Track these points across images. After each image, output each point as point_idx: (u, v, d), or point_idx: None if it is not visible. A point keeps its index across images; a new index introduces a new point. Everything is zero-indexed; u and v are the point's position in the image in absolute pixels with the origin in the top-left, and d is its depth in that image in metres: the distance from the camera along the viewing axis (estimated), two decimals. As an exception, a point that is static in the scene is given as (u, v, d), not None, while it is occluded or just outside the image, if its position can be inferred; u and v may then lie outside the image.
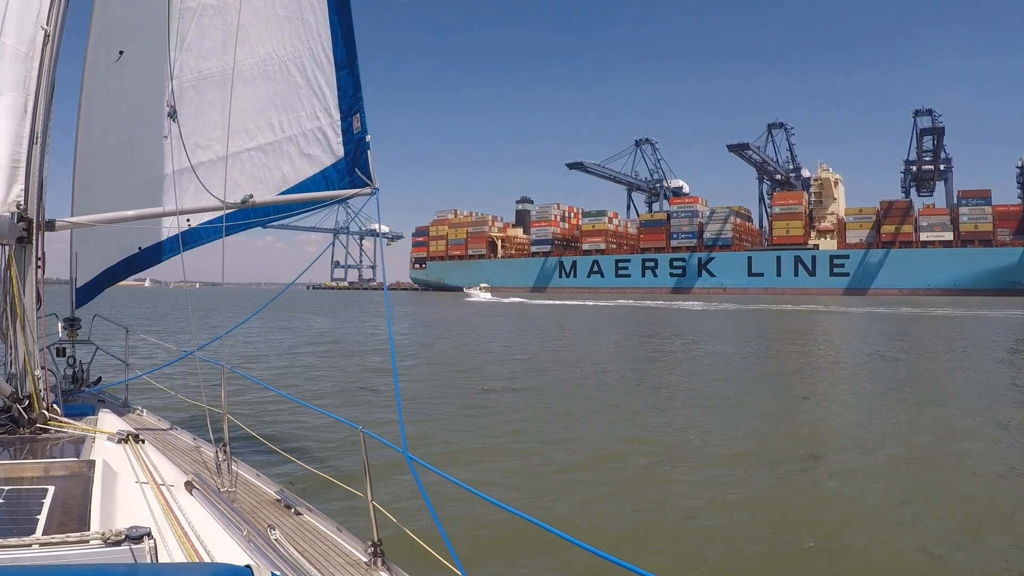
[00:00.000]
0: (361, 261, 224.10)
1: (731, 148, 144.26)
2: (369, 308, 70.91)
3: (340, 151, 6.11)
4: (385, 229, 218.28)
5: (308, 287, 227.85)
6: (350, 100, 6.04)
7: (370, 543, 3.51)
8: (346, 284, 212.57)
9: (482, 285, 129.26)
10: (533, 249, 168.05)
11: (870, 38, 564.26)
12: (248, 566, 1.94)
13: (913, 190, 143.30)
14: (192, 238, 6.72)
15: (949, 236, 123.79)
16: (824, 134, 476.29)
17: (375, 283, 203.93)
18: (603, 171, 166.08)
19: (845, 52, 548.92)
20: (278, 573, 1.76)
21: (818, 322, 47.27)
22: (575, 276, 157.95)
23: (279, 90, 6.21)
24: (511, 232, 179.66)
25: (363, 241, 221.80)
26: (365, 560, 3.48)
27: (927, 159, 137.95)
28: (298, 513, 4.14)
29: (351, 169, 6.09)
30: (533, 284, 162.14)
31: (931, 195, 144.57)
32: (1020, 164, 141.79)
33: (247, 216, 6.53)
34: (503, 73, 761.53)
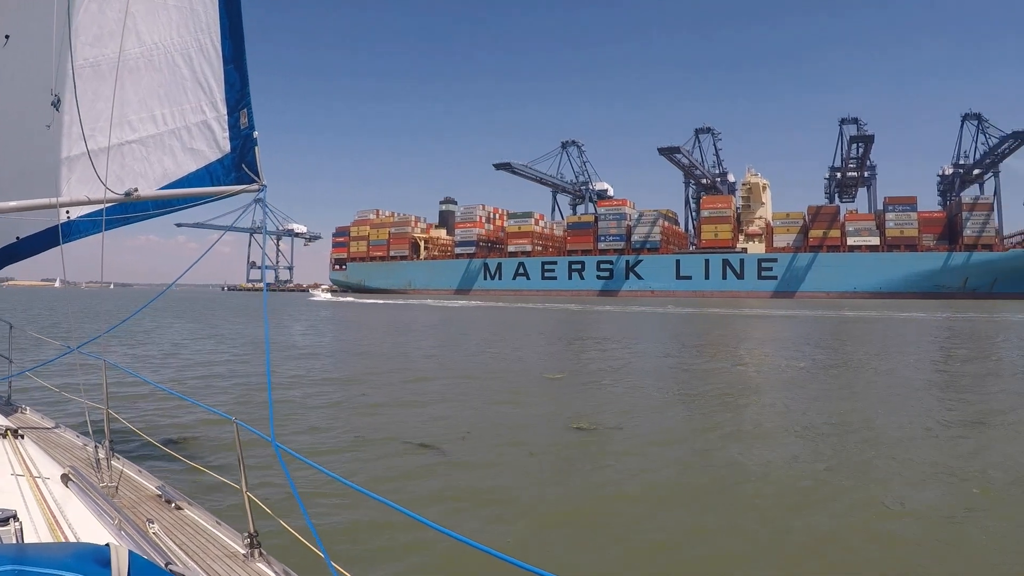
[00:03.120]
0: (278, 262, 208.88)
1: (661, 151, 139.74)
2: (291, 311, 62.95)
3: (227, 146, 5.70)
4: (302, 228, 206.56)
5: (224, 288, 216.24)
6: (237, 95, 5.62)
7: (247, 535, 3.47)
8: (272, 281, 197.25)
9: (323, 287, 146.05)
10: (457, 251, 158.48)
11: (792, 52, 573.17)
12: (108, 544, 1.90)
13: (836, 196, 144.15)
14: (72, 231, 6.54)
15: (876, 241, 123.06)
16: (749, 141, 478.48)
17: (292, 284, 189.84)
18: (530, 172, 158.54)
19: (768, 67, 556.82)
20: (139, 554, 1.92)
21: (762, 325, 44.86)
22: (500, 278, 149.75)
23: (164, 81, 5.83)
24: (435, 233, 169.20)
25: (280, 241, 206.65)
26: (243, 552, 3.44)
27: (852, 166, 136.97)
28: (178, 507, 4.08)
29: (238, 165, 5.67)
30: (457, 286, 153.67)
31: (853, 201, 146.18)
32: (940, 173, 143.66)
33: (126, 211, 6.16)
34: (426, 70, 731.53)
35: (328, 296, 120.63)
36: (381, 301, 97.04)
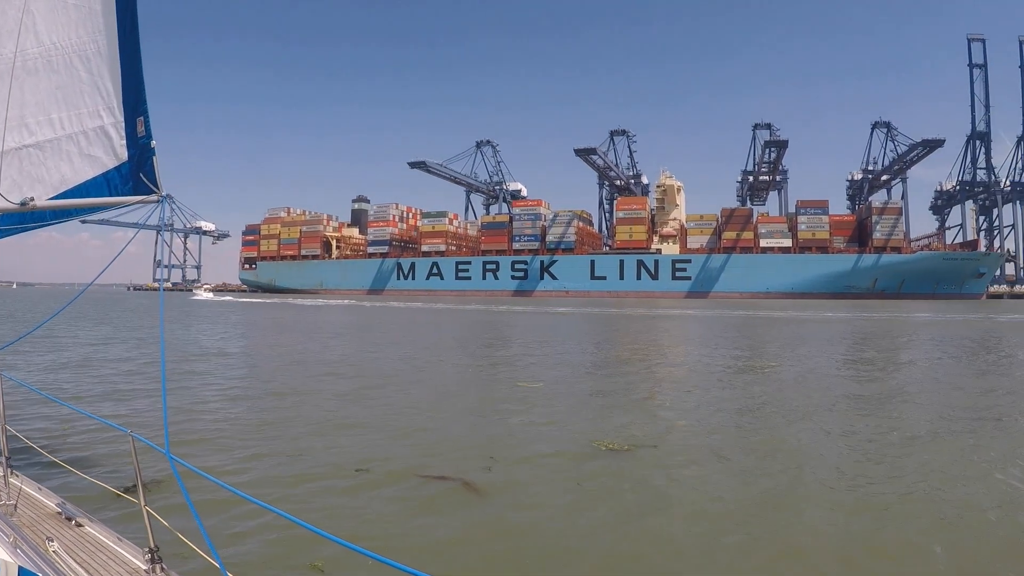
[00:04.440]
0: (185, 261, 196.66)
1: (578, 152, 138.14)
2: (199, 314, 55.23)
3: (123, 154, 5.35)
4: (210, 226, 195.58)
5: (129, 288, 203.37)
6: (134, 102, 5.27)
7: (147, 550, 3.39)
8: (169, 285, 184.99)
9: (205, 286, 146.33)
10: (370, 250, 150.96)
11: (707, 60, 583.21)
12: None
13: (748, 199, 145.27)
14: None
15: (788, 243, 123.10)
16: (663, 145, 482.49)
17: (199, 284, 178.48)
18: (445, 171, 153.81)
19: (682, 73, 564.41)
20: (36, 573, 2.04)
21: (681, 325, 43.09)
22: (414, 278, 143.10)
23: (62, 83, 5.51)
24: (347, 232, 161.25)
25: (187, 240, 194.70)
26: (144, 568, 3.37)
27: (765, 169, 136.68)
28: (79, 525, 3.98)
29: (135, 174, 5.32)
30: (370, 286, 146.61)
31: (764, 204, 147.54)
32: (850, 178, 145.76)
33: (24, 219, 5.99)
34: (341, 67, 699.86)
35: (210, 295, 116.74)
36: (271, 300, 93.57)
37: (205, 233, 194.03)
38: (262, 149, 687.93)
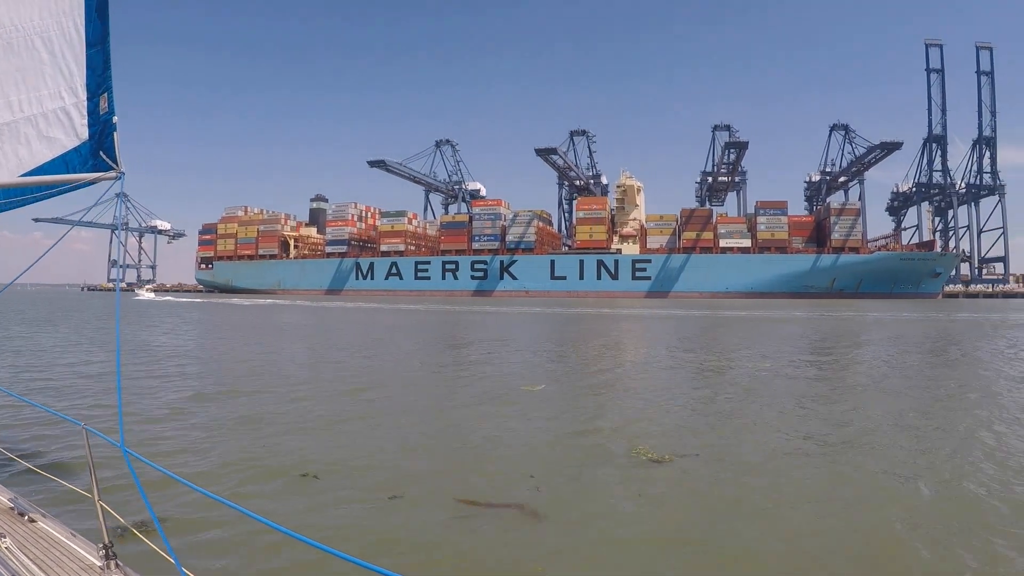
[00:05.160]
0: (140, 261, 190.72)
1: (539, 152, 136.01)
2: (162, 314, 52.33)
3: (84, 133, 5.22)
4: (166, 225, 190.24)
5: (83, 288, 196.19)
6: (99, 78, 5.14)
7: (101, 545, 3.35)
8: (124, 285, 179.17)
9: (148, 286, 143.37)
10: (328, 250, 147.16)
11: (666, 60, 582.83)
12: None
13: (708, 199, 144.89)
14: None
15: (747, 243, 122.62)
16: (622, 145, 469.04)
17: (141, 284, 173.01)
18: (404, 170, 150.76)
19: (638, 75, 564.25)
20: None
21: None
22: (373, 278, 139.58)
23: (21, 65, 5.38)
24: (305, 231, 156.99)
25: (142, 239, 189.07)
26: (99, 564, 3.32)
27: (725, 171, 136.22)
28: (32, 520, 3.91)
29: (95, 152, 5.20)
30: (328, 286, 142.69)
31: (722, 205, 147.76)
32: (808, 180, 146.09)
33: None
34: (296, 66, 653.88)
35: (152, 296, 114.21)
36: (218, 301, 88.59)
37: (160, 232, 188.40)
38: (219, 149, 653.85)
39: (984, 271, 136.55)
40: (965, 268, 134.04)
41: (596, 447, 9.54)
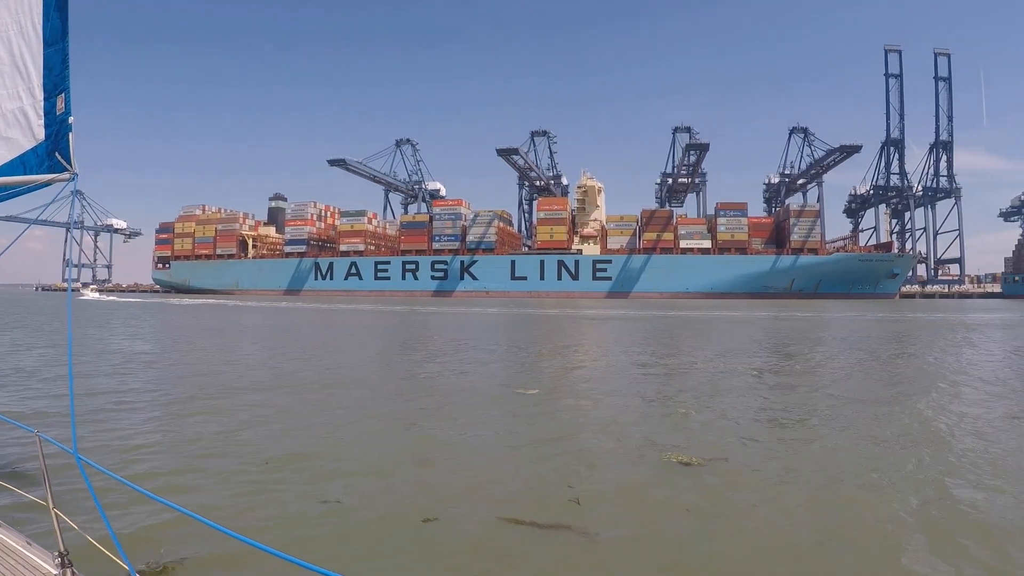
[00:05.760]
0: (96, 260, 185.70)
1: (500, 152, 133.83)
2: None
3: (41, 134, 5.10)
4: (122, 224, 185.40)
5: (37, 288, 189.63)
6: (56, 78, 5.00)
7: (57, 554, 3.30)
8: (78, 285, 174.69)
9: (92, 287, 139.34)
10: (287, 249, 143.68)
11: (624, 64, 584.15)
12: None
13: (667, 201, 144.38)
14: None
15: (708, 244, 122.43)
16: (582, 147, 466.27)
17: (111, 284, 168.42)
18: (364, 169, 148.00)
19: (600, 76, 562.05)
20: None
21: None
22: (332, 278, 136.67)
23: None
24: (263, 231, 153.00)
25: (97, 238, 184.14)
26: (55, 573, 3.28)
27: (685, 172, 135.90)
28: None
29: (51, 153, 5.10)
30: (287, 286, 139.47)
31: (682, 206, 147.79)
32: (767, 181, 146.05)
33: None
34: (251, 63, 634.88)
35: (96, 296, 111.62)
36: (156, 301, 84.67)
37: (116, 231, 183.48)
38: (177, 147, 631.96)
39: (940, 272, 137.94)
40: (922, 269, 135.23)
41: (624, 452, 9.26)
